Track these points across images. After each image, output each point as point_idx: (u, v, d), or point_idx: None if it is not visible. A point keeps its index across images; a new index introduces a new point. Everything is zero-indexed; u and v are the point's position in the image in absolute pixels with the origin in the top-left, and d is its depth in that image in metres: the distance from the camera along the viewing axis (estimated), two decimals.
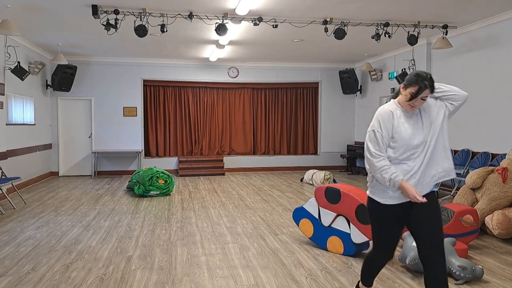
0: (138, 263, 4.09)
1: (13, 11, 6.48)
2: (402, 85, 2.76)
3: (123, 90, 11.07)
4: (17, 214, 6.29)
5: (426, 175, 2.60)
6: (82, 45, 9.26)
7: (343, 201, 4.19)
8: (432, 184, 2.63)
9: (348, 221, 4.20)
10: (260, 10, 6.48)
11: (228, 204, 7.12)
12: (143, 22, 6.50)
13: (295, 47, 9.45)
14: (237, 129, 12.10)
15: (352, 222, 4.14)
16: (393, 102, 2.84)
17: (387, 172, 2.53)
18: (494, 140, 7.13)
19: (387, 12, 6.70)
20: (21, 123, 8.68)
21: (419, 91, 2.63)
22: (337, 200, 4.25)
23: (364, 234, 4.04)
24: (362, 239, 4.09)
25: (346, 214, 4.19)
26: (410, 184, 2.53)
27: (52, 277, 3.74)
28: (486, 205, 5.04)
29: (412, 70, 9.15)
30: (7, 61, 7.69)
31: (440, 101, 2.81)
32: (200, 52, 10.01)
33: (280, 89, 12.26)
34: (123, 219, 6.00)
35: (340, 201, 4.21)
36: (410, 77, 2.69)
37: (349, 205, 4.14)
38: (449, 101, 2.80)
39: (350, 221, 4.17)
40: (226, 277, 3.72)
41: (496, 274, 3.78)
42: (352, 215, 4.12)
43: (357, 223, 4.09)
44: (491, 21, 7.06)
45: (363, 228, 4.03)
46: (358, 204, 4.07)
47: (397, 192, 2.58)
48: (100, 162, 10.99)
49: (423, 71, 2.73)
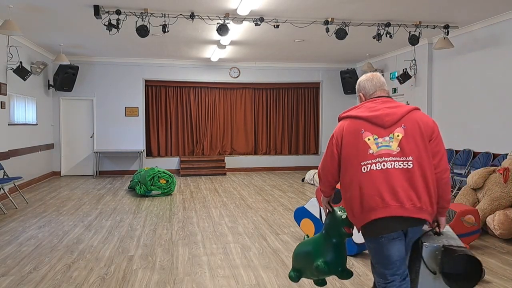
0: (140, 263, 4.10)
1: (15, 12, 6.50)
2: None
3: (124, 90, 11.08)
4: (19, 214, 6.31)
5: None
6: (84, 45, 9.28)
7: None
8: None
9: None
10: (261, 10, 6.48)
11: (229, 204, 7.13)
12: (144, 23, 6.51)
13: (296, 47, 9.45)
14: (238, 129, 12.11)
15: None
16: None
17: None
18: (495, 140, 7.12)
19: (389, 12, 6.69)
20: (23, 123, 8.70)
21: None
22: (338, 200, 4.24)
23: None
24: (363, 239, 4.08)
25: None
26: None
27: (53, 276, 3.75)
28: (488, 205, 5.03)
29: (413, 70, 9.15)
30: (10, 61, 7.71)
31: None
32: (201, 52, 10.02)
33: (281, 89, 12.26)
34: (124, 218, 6.01)
35: (341, 201, 4.21)
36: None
37: None
38: None
39: None
40: (227, 277, 3.73)
41: (497, 274, 3.78)
42: None
43: None
44: (492, 21, 7.06)
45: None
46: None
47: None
48: (102, 162, 11.01)
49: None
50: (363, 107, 2.43)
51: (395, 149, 2.24)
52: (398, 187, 2.20)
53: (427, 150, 2.27)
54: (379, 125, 2.30)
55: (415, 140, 2.26)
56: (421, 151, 2.25)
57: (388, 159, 2.23)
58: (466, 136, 7.85)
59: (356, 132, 2.32)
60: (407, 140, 2.25)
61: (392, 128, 2.28)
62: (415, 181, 2.21)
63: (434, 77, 8.81)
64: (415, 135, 2.27)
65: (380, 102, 2.41)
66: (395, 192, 2.19)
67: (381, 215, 2.20)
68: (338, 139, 2.39)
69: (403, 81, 9.12)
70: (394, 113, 2.32)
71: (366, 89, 2.53)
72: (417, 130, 2.28)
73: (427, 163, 2.25)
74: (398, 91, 10.08)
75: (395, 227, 2.24)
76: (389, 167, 2.22)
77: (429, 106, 8.87)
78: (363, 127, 2.32)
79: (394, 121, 2.29)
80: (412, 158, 2.23)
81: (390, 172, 2.21)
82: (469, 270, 2.21)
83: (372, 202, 2.22)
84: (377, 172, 2.23)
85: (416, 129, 2.28)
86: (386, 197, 2.19)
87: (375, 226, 2.25)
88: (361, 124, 2.33)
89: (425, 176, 2.23)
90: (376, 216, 2.21)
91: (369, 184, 2.23)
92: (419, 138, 2.27)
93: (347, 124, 2.40)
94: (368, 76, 2.55)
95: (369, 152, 2.26)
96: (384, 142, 2.27)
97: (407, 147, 2.24)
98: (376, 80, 2.52)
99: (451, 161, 8.04)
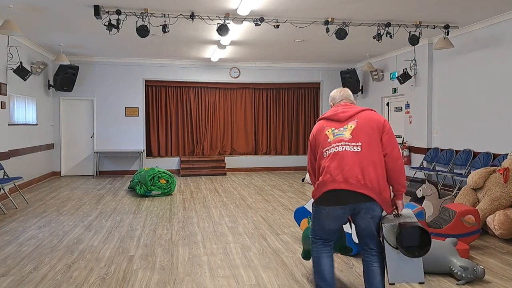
0: (140, 263, 4.10)
1: (15, 12, 6.50)
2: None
3: (125, 90, 11.09)
4: (19, 214, 6.31)
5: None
6: (84, 46, 9.28)
7: None
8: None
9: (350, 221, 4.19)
10: (261, 10, 6.49)
11: (229, 204, 7.13)
12: (145, 23, 6.51)
13: (297, 47, 9.45)
14: (238, 129, 12.11)
15: (352, 222, 4.14)
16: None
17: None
18: (495, 140, 7.12)
19: (389, 12, 6.69)
20: (23, 123, 8.70)
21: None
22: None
23: None
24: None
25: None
26: None
27: (54, 276, 3.75)
28: (488, 205, 5.03)
29: (414, 70, 9.15)
30: (10, 61, 7.71)
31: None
32: (201, 52, 10.02)
33: (281, 89, 12.26)
34: (125, 219, 6.01)
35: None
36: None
37: None
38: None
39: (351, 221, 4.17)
40: (227, 277, 3.73)
41: (497, 274, 3.78)
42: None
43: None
44: (493, 21, 7.06)
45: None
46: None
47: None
48: (102, 162, 11.01)
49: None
50: (329, 111, 3.02)
51: (347, 136, 2.76)
52: (346, 166, 2.67)
53: (376, 140, 2.75)
54: (336, 120, 2.89)
55: (365, 130, 2.75)
56: (370, 140, 2.73)
57: (341, 144, 2.74)
58: (466, 136, 7.85)
59: (321, 129, 2.91)
60: (358, 130, 2.76)
61: (346, 122, 2.84)
62: (362, 163, 2.67)
63: (434, 77, 8.81)
64: (365, 127, 2.77)
65: (341, 106, 3.00)
66: (343, 170, 2.67)
67: (330, 187, 2.69)
68: (312, 138, 2.99)
69: (403, 81, 9.12)
70: (349, 111, 2.89)
71: (335, 99, 3.12)
72: (367, 124, 2.79)
73: (375, 150, 2.72)
74: (398, 91, 10.08)
75: (340, 201, 2.71)
76: (341, 150, 2.72)
77: (429, 106, 8.87)
78: (326, 124, 2.91)
79: (348, 116, 2.86)
80: (361, 144, 2.71)
81: (342, 154, 2.71)
82: (421, 241, 2.70)
83: (325, 178, 2.72)
84: (332, 154, 2.75)
85: (367, 123, 2.79)
86: (335, 173, 2.68)
87: (323, 198, 2.76)
88: (325, 122, 2.94)
89: (373, 161, 2.69)
90: (326, 188, 2.71)
91: (326, 165, 2.74)
92: (369, 130, 2.76)
93: (317, 125, 3.00)
94: (338, 90, 3.15)
95: (328, 140, 2.81)
96: (339, 132, 2.81)
97: (357, 135, 2.74)
98: (344, 92, 3.11)
99: (451, 161, 8.04)
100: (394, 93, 10.29)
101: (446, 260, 3.64)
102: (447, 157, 8.20)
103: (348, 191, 2.65)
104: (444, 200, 5.27)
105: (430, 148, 8.85)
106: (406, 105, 9.78)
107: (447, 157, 8.20)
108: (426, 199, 5.21)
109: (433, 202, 5.22)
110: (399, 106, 10.35)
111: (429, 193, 5.22)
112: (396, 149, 2.77)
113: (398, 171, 2.75)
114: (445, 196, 5.35)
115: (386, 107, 10.87)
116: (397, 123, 10.42)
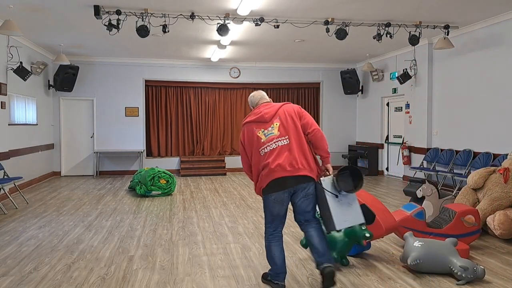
0: (140, 263, 4.10)
1: (15, 12, 6.50)
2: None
3: (125, 90, 11.09)
4: (19, 214, 6.31)
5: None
6: (84, 46, 9.28)
7: None
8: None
9: None
10: (261, 10, 6.49)
11: (229, 204, 7.13)
12: (145, 23, 6.51)
13: (297, 47, 9.45)
14: (238, 129, 12.10)
15: None
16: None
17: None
18: (495, 140, 7.13)
19: (389, 12, 6.70)
20: (24, 123, 8.70)
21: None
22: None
23: None
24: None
25: None
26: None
27: (54, 276, 3.75)
28: (488, 205, 5.03)
29: (414, 70, 9.15)
30: (10, 61, 7.71)
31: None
32: (201, 52, 10.02)
33: (281, 89, 12.26)
34: (125, 219, 6.01)
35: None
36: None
37: None
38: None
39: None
40: (227, 277, 3.73)
41: (497, 274, 3.78)
42: None
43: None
44: (493, 21, 7.06)
45: (368, 228, 4.03)
46: (360, 204, 4.07)
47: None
48: (102, 162, 11.01)
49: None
50: (251, 114, 3.51)
51: (276, 133, 3.35)
52: (281, 158, 3.26)
53: (298, 127, 3.37)
54: (263, 122, 3.40)
55: (288, 124, 3.36)
56: (293, 130, 3.35)
57: (273, 141, 3.32)
58: (466, 136, 7.85)
59: (251, 132, 3.42)
60: (283, 125, 3.36)
61: (271, 121, 3.39)
62: (293, 151, 3.29)
63: (434, 77, 8.81)
64: (287, 121, 3.37)
65: (262, 106, 3.50)
66: (279, 162, 3.26)
67: (272, 178, 3.27)
68: (242, 142, 3.50)
69: (403, 81, 9.12)
70: (271, 111, 3.43)
71: (252, 102, 3.64)
72: (288, 117, 3.39)
73: (301, 137, 3.36)
74: (398, 91, 10.08)
75: (282, 187, 3.28)
76: (274, 146, 3.31)
77: (429, 106, 8.87)
78: (255, 127, 3.42)
79: (272, 115, 3.41)
80: (288, 136, 3.33)
81: (276, 149, 3.30)
82: (355, 180, 3.39)
83: (266, 171, 3.29)
84: (269, 152, 3.31)
85: (287, 116, 3.39)
86: (274, 166, 3.26)
87: (268, 187, 3.32)
88: (252, 125, 3.43)
89: (301, 147, 3.34)
90: (269, 179, 3.29)
91: (264, 161, 3.31)
92: (290, 122, 3.37)
93: (245, 130, 3.49)
94: (254, 93, 3.67)
95: (262, 141, 3.35)
96: (268, 132, 3.37)
97: (283, 130, 3.35)
98: (259, 93, 3.66)
99: (452, 161, 8.04)
100: (394, 93, 10.29)
101: (446, 260, 3.63)
102: (447, 157, 8.20)
103: (287, 177, 3.26)
104: (444, 200, 5.27)
105: (430, 148, 8.85)
106: (406, 105, 9.78)
107: (447, 157, 8.20)
108: (426, 199, 5.21)
109: (433, 202, 5.22)
110: (399, 106, 10.35)
111: (429, 193, 5.22)
112: (314, 125, 3.41)
113: (320, 140, 3.39)
114: (445, 196, 5.35)
115: (386, 107, 10.88)
116: (397, 123, 10.42)
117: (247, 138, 3.43)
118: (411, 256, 3.70)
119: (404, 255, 3.87)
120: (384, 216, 4.11)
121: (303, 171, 3.28)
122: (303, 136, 3.36)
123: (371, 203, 4.15)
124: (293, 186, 3.29)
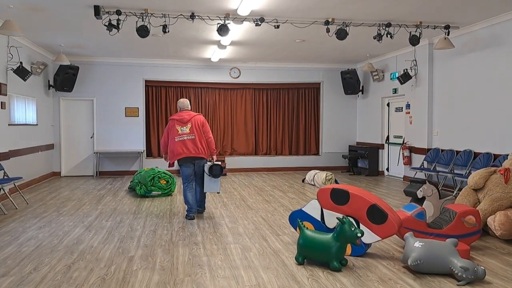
0: (140, 264, 4.09)
1: (15, 12, 6.50)
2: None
3: (125, 90, 11.09)
4: (19, 214, 6.31)
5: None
6: (84, 46, 9.28)
7: (352, 202, 4.19)
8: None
9: (357, 221, 4.20)
10: (261, 10, 6.48)
11: (229, 204, 7.12)
12: (145, 23, 6.51)
13: (297, 47, 9.45)
14: (238, 129, 12.11)
15: (363, 223, 4.15)
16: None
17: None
18: (496, 140, 7.12)
19: (389, 13, 6.69)
20: (24, 123, 8.70)
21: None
22: (345, 202, 4.24)
23: (376, 234, 4.05)
24: (373, 239, 4.10)
25: (355, 215, 4.19)
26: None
27: (54, 277, 3.74)
28: (488, 205, 5.03)
29: (414, 70, 9.15)
30: (10, 61, 7.71)
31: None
32: (201, 52, 10.02)
33: (281, 90, 12.26)
34: (125, 219, 6.01)
35: (349, 202, 4.20)
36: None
37: (360, 206, 4.14)
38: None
39: (359, 221, 4.17)
40: (227, 278, 3.72)
41: (498, 275, 3.77)
42: (363, 216, 4.12)
43: (368, 223, 4.10)
44: (493, 21, 7.05)
45: (376, 228, 4.04)
46: (369, 205, 4.08)
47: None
48: (102, 162, 11.01)
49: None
50: (176, 115, 5.97)
51: (188, 131, 5.85)
52: (188, 146, 5.83)
53: (200, 131, 5.90)
54: (182, 122, 5.89)
55: (196, 127, 5.89)
56: (198, 131, 5.89)
57: (185, 135, 5.84)
58: (466, 137, 7.84)
59: (173, 125, 5.90)
60: (192, 127, 5.87)
61: (187, 123, 5.87)
62: (196, 143, 5.85)
63: (434, 78, 8.80)
64: (195, 125, 5.90)
65: (184, 112, 5.98)
66: (187, 148, 5.82)
67: (182, 156, 5.84)
68: (168, 129, 5.97)
69: (403, 82, 9.11)
70: (188, 117, 5.91)
71: (180, 106, 6.11)
72: (196, 123, 5.91)
73: (201, 136, 5.91)
74: (398, 92, 10.07)
75: (188, 161, 5.90)
76: (185, 138, 5.84)
77: (429, 106, 8.87)
78: (176, 123, 5.89)
79: (188, 120, 5.89)
80: (194, 134, 5.86)
81: (185, 141, 5.84)
82: (218, 172, 5.87)
83: (179, 151, 5.83)
84: (180, 141, 5.84)
85: (196, 123, 5.91)
86: (183, 149, 5.82)
87: (180, 161, 5.89)
88: (175, 122, 5.91)
89: (200, 141, 5.89)
90: (180, 157, 5.84)
91: (177, 145, 5.83)
92: (197, 126, 5.90)
93: (170, 123, 5.95)
94: (181, 100, 6.12)
95: (178, 133, 5.84)
96: (183, 128, 5.86)
97: (192, 130, 5.86)
98: (184, 101, 6.14)
99: (452, 161, 8.03)
100: (394, 94, 10.29)
101: (446, 260, 3.63)
102: (448, 157, 8.19)
103: (191, 156, 5.85)
104: (445, 201, 5.27)
105: (430, 149, 8.85)
106: (406, 105, 9.78)
107: (448, 157, 8.19)
108: (426, 199, 5.21)
109: (433, 203, 5.22)
110: (399, 106, 10.34)
111: (430, 193, 5.22)
112: (209, 133, 5.98)
113: (210, 143, 5.99)
114: (446, 197, 5.35)
115: (387, 107, 10.87)
116: (398, 124, 10.41)
117: (171, 128, 5.90)
118: (412, 257, 3.70)
119: (404, 256, 3.87)
120: (394, 215, 4.12)
121: (200, 154, 5.87)
122: (203, 136, 5.92)
123: (381, 203, 4.16)
124: (194, 161, 5.91)
